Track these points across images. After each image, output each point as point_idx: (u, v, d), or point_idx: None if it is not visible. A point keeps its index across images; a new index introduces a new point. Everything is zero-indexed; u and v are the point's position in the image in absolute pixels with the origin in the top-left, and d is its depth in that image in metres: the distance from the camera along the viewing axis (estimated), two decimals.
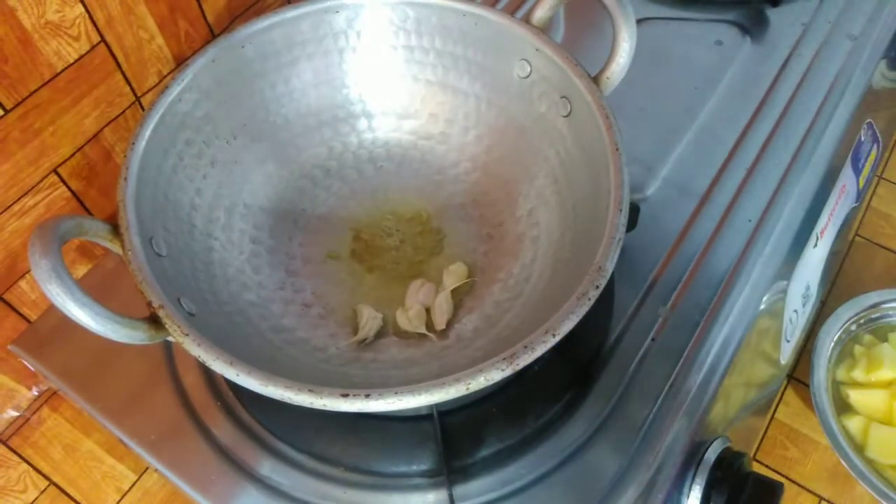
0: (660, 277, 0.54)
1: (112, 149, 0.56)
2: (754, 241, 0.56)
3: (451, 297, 0.49)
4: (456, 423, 0.48)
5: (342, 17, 0.53)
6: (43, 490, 0.59)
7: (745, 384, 0.59)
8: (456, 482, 0.46)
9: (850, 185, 0.69)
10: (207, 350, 0.36)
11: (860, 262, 1.14)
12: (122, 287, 0.54)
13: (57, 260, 0.35)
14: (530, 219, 0.52)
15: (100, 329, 0.36)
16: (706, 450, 0.49)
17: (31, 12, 0.46)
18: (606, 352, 0.51)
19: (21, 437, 0.58)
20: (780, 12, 0.72)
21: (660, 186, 0.60)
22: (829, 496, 0.96)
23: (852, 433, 0.91)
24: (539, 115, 0.51)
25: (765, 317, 0.55)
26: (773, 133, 0.63)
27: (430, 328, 0.48)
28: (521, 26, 0.50)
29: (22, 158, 0.50)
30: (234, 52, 0.51)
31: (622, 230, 0.40)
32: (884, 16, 0.71)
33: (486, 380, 0.35)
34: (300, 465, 0.47)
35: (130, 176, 0.43)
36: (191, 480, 0.47)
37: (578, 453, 0.47)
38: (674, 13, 0.73)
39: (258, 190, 0.54)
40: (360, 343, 0.48)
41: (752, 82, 0.67)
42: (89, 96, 0.53)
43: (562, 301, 0.38)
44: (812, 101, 0.65)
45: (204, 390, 0.51)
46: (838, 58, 0.68)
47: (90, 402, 0.51)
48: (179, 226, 0.47)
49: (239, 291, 0.48)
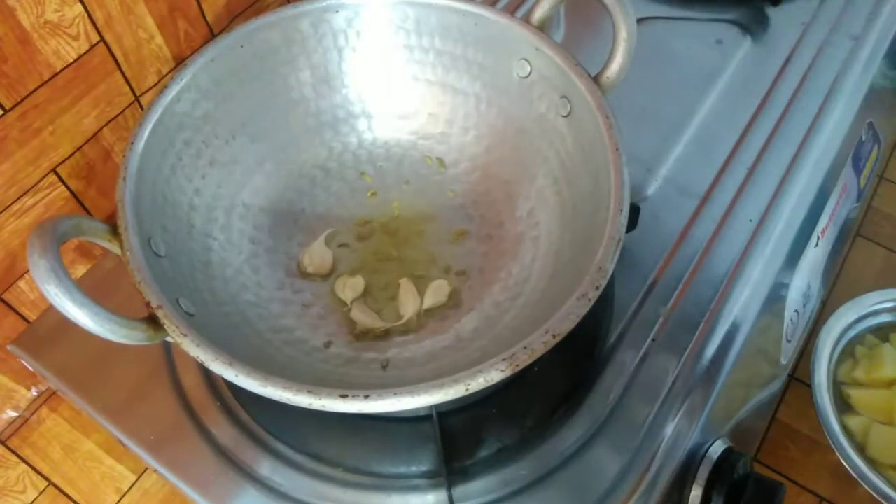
0: (660, 277, 0.54)
1: (111, 148, 0.56)
2: (755, 241, 0.56)
3: (415, 287, 0.50)
4: (455, 423, 0.47)
5: (342, 17, 0.53)
6: (42, 490, 0.59)
7: (746, 384, 0.59)
8: (455, 483, 0.46)
9: (850, 185, 0.69)
10: (206, 350, 0.36)
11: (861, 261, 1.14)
12: (121, 287, 0.54)
13: (55, 260, 0.35)
14: (530, 219, 0.52)
15: (98, 329, 0.36)
16: (707, 450, 0.49)
17: (30, 12, 0.46)
18: (607, 352, 0.51)
19: (20, 437, 0.58)
20: (780, 11, 0.72)
21: (660, 186, 0.60)
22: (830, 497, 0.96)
23: (853, 433, 0.91)
24: (539, 115, 0.51)
25: (765, 317, 0.55)
26: (773, 133, 0.63)
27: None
28: (521, 26, 0.50)
29: (21, 158, 0.50)
30: (234, 52, 0.51)
31: (622, 230, 0.40)
32: (884, 15, 0.71)
33: (485, 380, 0.35)
34: (299, 465, 0.47)
35: (129, 176, 0.43)
36: (190, 481, 0.47)
37: (578, 454, 0.47)
38: (674, 12, 0.72)
39: (257, 190, 0.54)
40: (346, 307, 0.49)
41: (752, 82, 0.66)
42: (88, 96, 0.52)
43: (562, 301, 0.37)
44: (813, 101, 0.65)
45: (203, 391, 0.51)
46: (839, 57, 0.68)
47: (89, 402, 0.51)
48: (178, 226, 0.47)
49: (238, 292, 0.48)
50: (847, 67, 0.67)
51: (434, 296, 0.50)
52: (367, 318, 0.49)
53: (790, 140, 0.62)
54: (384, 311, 0.50)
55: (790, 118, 0.64)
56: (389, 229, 0.54)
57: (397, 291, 0.50)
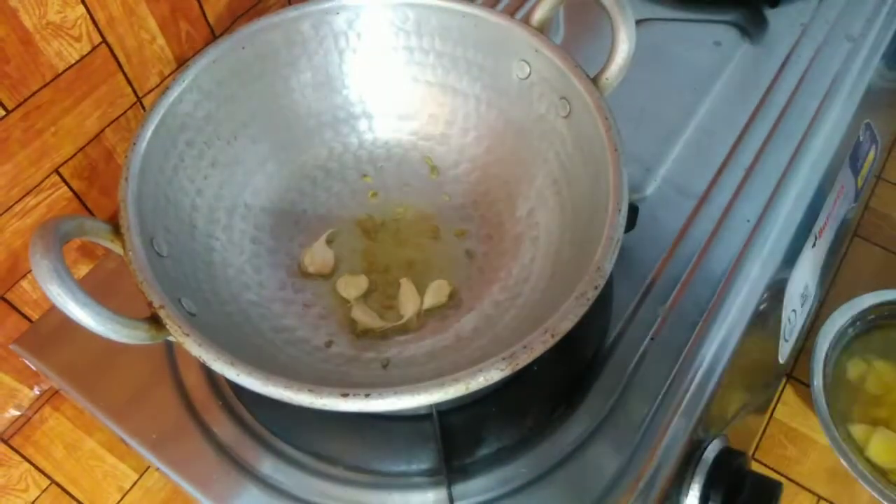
0: (659, 277, 0.54)
1: (113, 149, 0.57)
2: (753, 241, 0.56)
3: (415, 287, 0.50)
4: (455, 422, 0.48)
5: (342, 19, 0.53)
6: (44, 489, 0.59)
7: (744, 383, 0.59)
8: (455, 481, 0.46)
9: (848, 186, 0.70)
10: (208, 350, 0.37)
11: (859, 262, 1.15)
12: (123, 287, 0.54)
13: (58, 260, 0.35)
14: (530, 219, 0.52)
15: (100, 329, 0.36)
16: (705, 449, 0.49)
17: (32, 13, 0.46)
18: (605, 351, 0.51)
19: (23, 436, 0.58)
20: (778, 13, 0.72)
21: (659, 186, 0.60)
22: (827, 496, 0.96)
23: (852, 433, 0.91)
24: (538, 116, 0.52)
25: (763, 316, 0.56)
26: (771, 133, 0.63)
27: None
28: (521, 27, 0.50)
29: (24, 159, 0.50)
30: (235, 53, 0.51)
31: (621, 230, 0.40)
32: (882, 17, 0.71)
33: (485, 380, 0.35)
34: (301, 464, 0.48)
35: (132, 176, 0.43)
36: (192, 479, 0.47)
37: (577, 452, 0.47)
38: (673, 14, 0.73)
39: (259, 191, 0.54)
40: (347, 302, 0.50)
41: (750, 83, 0.67)
42: (91, 97, 0.53)
43: (561, 301, 0.38)
44: (811, 102, 0.65)
45: (205, 390, 0.51)
46: (837, 58, 0.68)
47: (92, 401, 0.51)
48: (180, 226, 0.47)
49: (240, 291, 0.49)
50: (845, 68, 0.67)
51: (434, 296, 0.50)
52: (368, 318, 0.49)
53: (788, 140, 0.62)
54: (385, 311, 0.50)
55: (788, 119, 0.64)
56: (390, 230, 0.54)
57: (397, 291, 0.51)
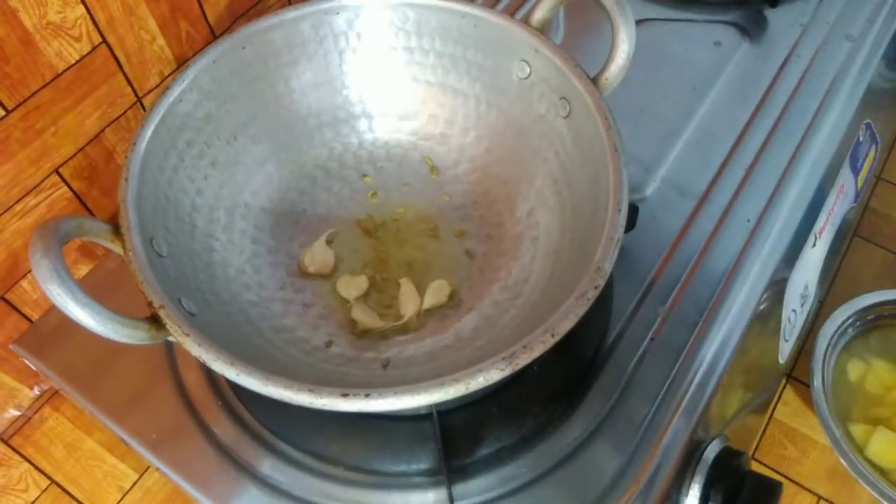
0: (659, 277, 0.54)
1: (113, 149, 0.57)
2: (753, 241, 0.56)
3: (415, 287, 0.50)
4: (455, 422, 0.48)
5: (342, 19, 0.53)
6: (44, 489, 0.59)
7: (744, 383, 0.59)
8: (455, 481, 0.46)
9: (848, 186, 0.70)
10: (208, 350, 0.37)
11: (858, 261, 1.14)
12: (123, 287, 0.54)
13: (58, 260, 0.35)
14: (530, 219, 0.52)
15: (100, 329, 0.36)
16: (705, 449, 0.49)
17: (32, 13, 0.46)
18: (605, 351, 0.51)
19: (22, 436, 0.58)
20: (778, 13, 0.72)
21: (659, 186, 0.60)
22: (827, 495, 0.96)
23: (852, 433, 0.91)
24: (538, 116, 0.52)
25: (763, 316, 0.56)
26: (771, 133, 0.63)
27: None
28: (521, 27, 0.50)
29: (24, 159, 0.50)
30: (235, 53, 0.51)
31: (621, 230, 0.40)
32: (882, 17, 0.71)
33: (485, 380, 0.35)
34: (301, 463, 0.48)
35: (131, 176, 0.43)
36: (192, 479, 0.47)
37: (577, 452, 0.47)
38: (672, 14, 0.73)
39: (259, 191, 0.54)
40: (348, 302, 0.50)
41: (750, 83, 0.67)
42: (91, 97, 0.53)
43: (561, 301, 0.38)
44: (810, 102, 0.65)
45: (205, 390, 0.51)
46: (837, 58, 0.68)
47: (91, 401, 0.51)
48: (180, 226, 0.47)
49: (239, 291, 0.49)
50: (845, 68, 0.67)
51: (434, 296, 0.50)
52: (368, 318, 0.49)
53: (788, 140, 0.62)
54: (385, 311, 0.50)
55: (788, 119, 0.64)
56: (390, 230, 0.54)
57: (397, 291, 0.51)
